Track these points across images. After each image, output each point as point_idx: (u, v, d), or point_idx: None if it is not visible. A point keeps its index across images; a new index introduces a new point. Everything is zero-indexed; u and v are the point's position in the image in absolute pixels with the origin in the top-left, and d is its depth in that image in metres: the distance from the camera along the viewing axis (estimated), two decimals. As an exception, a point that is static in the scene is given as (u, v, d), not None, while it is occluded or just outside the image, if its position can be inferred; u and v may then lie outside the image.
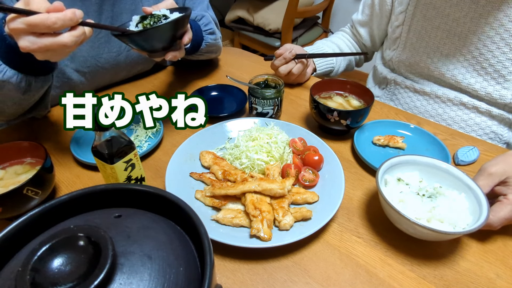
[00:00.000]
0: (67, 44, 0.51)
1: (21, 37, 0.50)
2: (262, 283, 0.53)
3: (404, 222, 0.54)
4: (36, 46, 0.51)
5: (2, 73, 0.61)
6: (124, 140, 0.54)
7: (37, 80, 0.67)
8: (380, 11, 1.06)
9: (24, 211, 0.56)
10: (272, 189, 0.60)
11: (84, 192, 0.37)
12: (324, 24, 2.68)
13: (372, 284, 0.53)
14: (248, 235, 0.57)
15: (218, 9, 3.00)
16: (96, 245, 0.28)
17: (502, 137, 0.91)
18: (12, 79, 0.62)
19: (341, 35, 1.22)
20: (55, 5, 0.50)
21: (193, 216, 0.34)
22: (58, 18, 0.49)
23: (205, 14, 0.96)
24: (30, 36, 0.50)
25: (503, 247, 0.58)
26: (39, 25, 0.49)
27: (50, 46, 0.51)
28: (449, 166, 0.61)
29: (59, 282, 0.26)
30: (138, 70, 1.04)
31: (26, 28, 0.49)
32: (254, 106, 0.85)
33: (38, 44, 0.50)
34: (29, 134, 0.85)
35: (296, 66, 0.97)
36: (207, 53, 1.00)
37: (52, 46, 0.51)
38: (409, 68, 1.02)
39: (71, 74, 0.88)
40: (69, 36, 0.51)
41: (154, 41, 0.63)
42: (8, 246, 0.32)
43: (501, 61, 0.84)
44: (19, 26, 0.49)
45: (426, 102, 0.99)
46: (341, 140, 0.83)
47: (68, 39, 0.51)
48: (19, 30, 0.50)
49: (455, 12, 0.87)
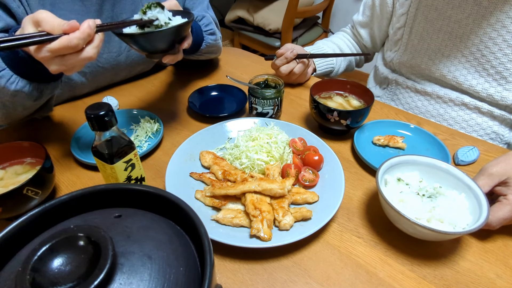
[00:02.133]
0: (92, 57, 0.53)
1: (49, 63, 0.52)
2: (262, 283, 0.53)
3: (404, 222, 0.54)
4: (64, 67, 0.53)
5: (14, 83, 0.63)
6: (124, 140, 0.54)
7: (48, 87, 0.69)
8: (381, 12, 1.06)
9: (24, 211, 0.57)
10: (272, 189, 0.60)
11: (84, 192, 0.37)
12: (324, 24, 2.68)
13: (372, 284, 0.53)
14: (248, 235, 0.57)
15: (218, 9, 3.00)
16: (96, 245, 0.28)
17: (503, 137, 0.91)
18: (24, 88, 0.64)
19: (342, 36, 1.22)
20: (71, 25, 0.50)
21: (193, 216, 0.34)
22: (79, 39, 0.50)
23: (205, 14, 0.96)
24: (56, 59, 0.52)
25: (503, 247, 0.58)
26: (63, 50, 0.50)
27: (77, 63, 0.53)
28: (449, 166, 0.61)
29: (59, 282, 0.26)
30: (138, 70, 1.04)
31: (52, 55, 0.51)
32: (254, 106, 0.85)
33: (66, 65, 0.53)
34: (29, 134, 0.85)
35: (297, 66, 0.97)
36: (207, 53, 1.00)
37: (79, 63, 0.53)
38: (410, 70, 1.02)
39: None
40: (91, 49, 0.53)
41: (154, 43, 0.63)
42: (8, 246, 0.31)
43: (503, 62, 0.84)
44: (45, 55, 0.51)
45: (428, 102, 0.99)
46: (341, 140, 0.83)
47: (91, 52, 0.53)
48: (46, 58, 0.51)
49: (457, 13, 0.87)
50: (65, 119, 0.89)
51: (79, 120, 0.87)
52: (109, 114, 0.48)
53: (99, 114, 0.48)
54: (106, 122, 0.49)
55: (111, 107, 0.49)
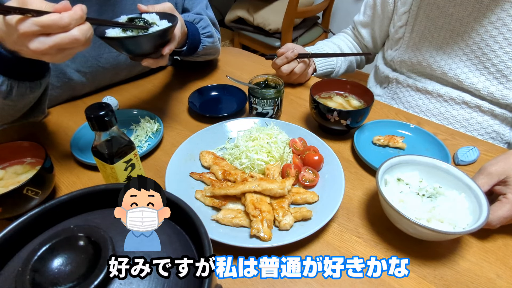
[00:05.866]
0: (78, 38, 0.49)
1: (31, 39, 0.48)
2: (262, 283, 0.53)
3: (404, 222, 0.54)
4: (47, 46, 0.48)
5: None
6: (124, 140, 0.54)
7: (20, 86, 0.62)
8: (382, 12, 1.06)
9: (24, 211, 0.56)
10: (272, 189, 0.60)
11: (84, 192, 0.37)
12: (324, 24, 2.68)
13: (372, 284, 0.52)
14: (248, 235, 0.57)
15: (218, 9, 3.00)
16: (96, 245, 0.28)
17: (503, 136, 0.91)
18: None
19: (343, 36, 1.22)
20: (64, 4, 0.48)
21: (193, 216, 0.34)
22: (72, 18, 0.47)
23: (203, 16, 0.96)
24: (40, 37, 0.48)
25: (503, 247, 0.58)
26: (53, 26, 0.47)
27: (61, 42, 0.49)
28: (449, 166, 0.61)
29: (59, 282, 0.26)
30: (138, 70, 1.04)
31: (39, 30, 0.47)
32: (254, 106, 0.85)
33: (48, 44, 0.48)
34: (29, 134, 0.85)
35: (298, 66, 0.97)
36: (205, 55, 1.00)
37: (63, 42, 0.49)
38: (411, 68, 1.02)
39: (72, 74, 0.88)
40: (78, 30, 0.49)
41: (134, 47, 0.63)
42: (8, 246, 0.31)
43: (504, 60, 0.84)
44: (31, 28, 0.46)
45: (428, 101, 0.99)
46: (341, 140, 0.83)
47: (78, 32, 0.49)
48: (30, 33, 0.47)
49: (458, 11, 0.87)
50: (65, 119, 0.89)
51: (79, 120, 0.87)
52: (109, 114, 0.48)
53: (99, 114, 0.48)
54: (106, 122, 0.49)
55: (111, 107, 0.49)
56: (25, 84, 0.63)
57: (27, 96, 0.66)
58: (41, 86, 0.67)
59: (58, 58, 0.53)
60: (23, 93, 0.64)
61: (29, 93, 0.66)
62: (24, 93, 0.65)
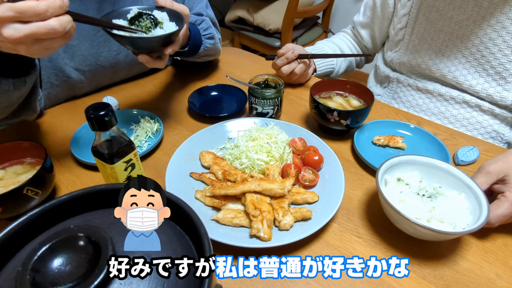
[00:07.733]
0: (56, 28, 0.47)
1: (5, 25, 0.45)
2: (262, 283, 0.53)
3: (404, 222, 0.54)
4: (22, 33, 0.46)
5: None
6: (124, 140, 0.54)
7: (3, 82, 0.61)
8: (382, 13, 1.06)
9: (24, 211, 0.56)
10: (272, 189, 0.60)
11: (84, 192, 0.37)
12: (324, 24, 2.68)
13: (372, 284, 0.52)
14: (248, 235, 0.57)
15: (218, 9, 3.00)
16: (96, 245, 0.28)
17: (503, 136, 0.91)
18: None
19: (342, 36, 1.22)
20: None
21: (193, 216, 0.34)
22: (49, 6, 0.46)
23: (205, 18, 0.96)
24: (15, 24, 0.45)
25: (503, 247, 0.58)
26: (28, 12, 0.45)
27: (38, 31, 0.46)
28: (449, 166, 0.61)
29: (59, 282, 0.26)
30: (138, 69, 1.04)
31: (14, 16, 0.45)
32: (254, 106, 0.85)
33: (23, 31, 0.46)
34: (29, 134, 0.85)
35: (298, 66, 0.97)
36: (206, 56, 1.00)
37: (39, 31, 0.46)
38: (411, 69, 1.02)
39: (71, 72, 0.87)
40: (57, 20, 0.47)
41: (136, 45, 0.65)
42: (8, 246, 0.31)
43: (503, 63, 0.84)
44: (5, 13, 0.44)
45: (429, 100, 1.00)
46: (341, 140, 0.83)
47: (56, 22, 0.47)
48: (6, 18, 0.45)
49: (458, 14, 0.87)
50: (65, 119, 0.89)
51: (79, 120, 0.87)
52: (109, 114, 0.48)
53: (99, 114, 0.48)
54: (106, 122, 0.49)
55: (111, 107, 0.49)
56: (8, 80, 0.62)
57: (11, 93, 0.64)
58: (26, 84, 0.66)
59: (34, 51, 0.50)
60: (7, 90, 0.63)
61: (13, 90, 0.64)
62: (8, 90, 0.63)
